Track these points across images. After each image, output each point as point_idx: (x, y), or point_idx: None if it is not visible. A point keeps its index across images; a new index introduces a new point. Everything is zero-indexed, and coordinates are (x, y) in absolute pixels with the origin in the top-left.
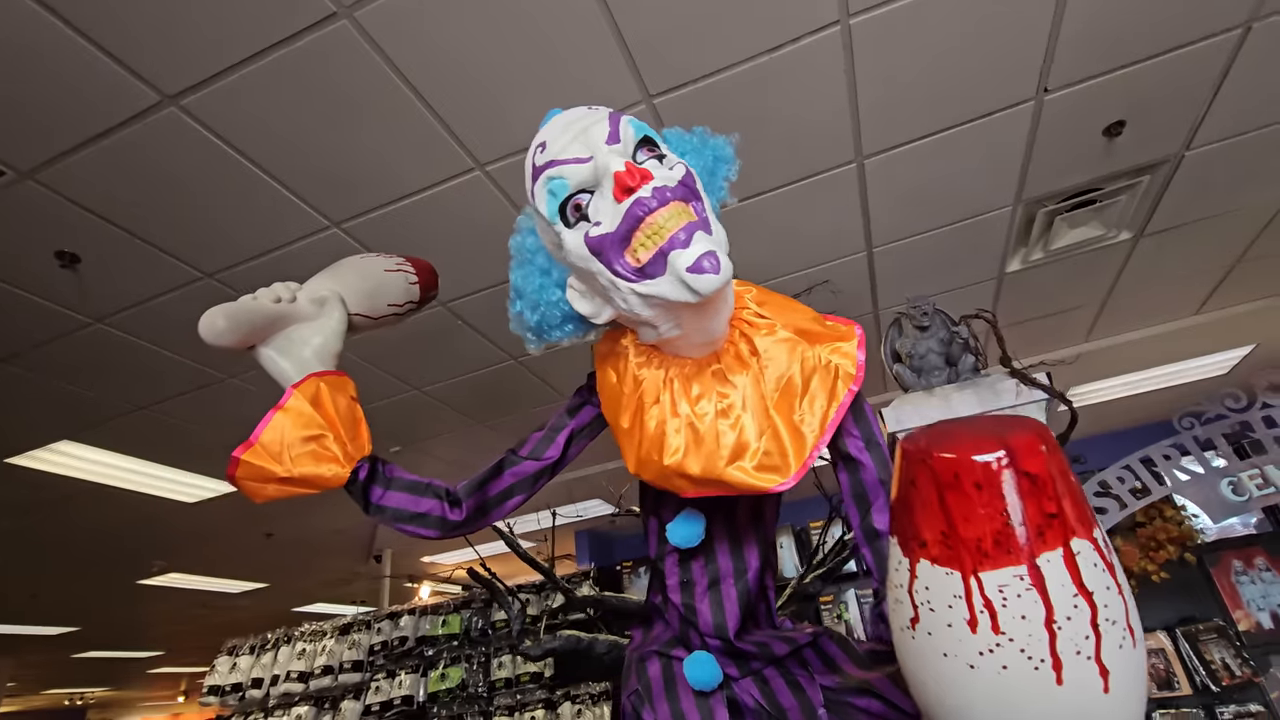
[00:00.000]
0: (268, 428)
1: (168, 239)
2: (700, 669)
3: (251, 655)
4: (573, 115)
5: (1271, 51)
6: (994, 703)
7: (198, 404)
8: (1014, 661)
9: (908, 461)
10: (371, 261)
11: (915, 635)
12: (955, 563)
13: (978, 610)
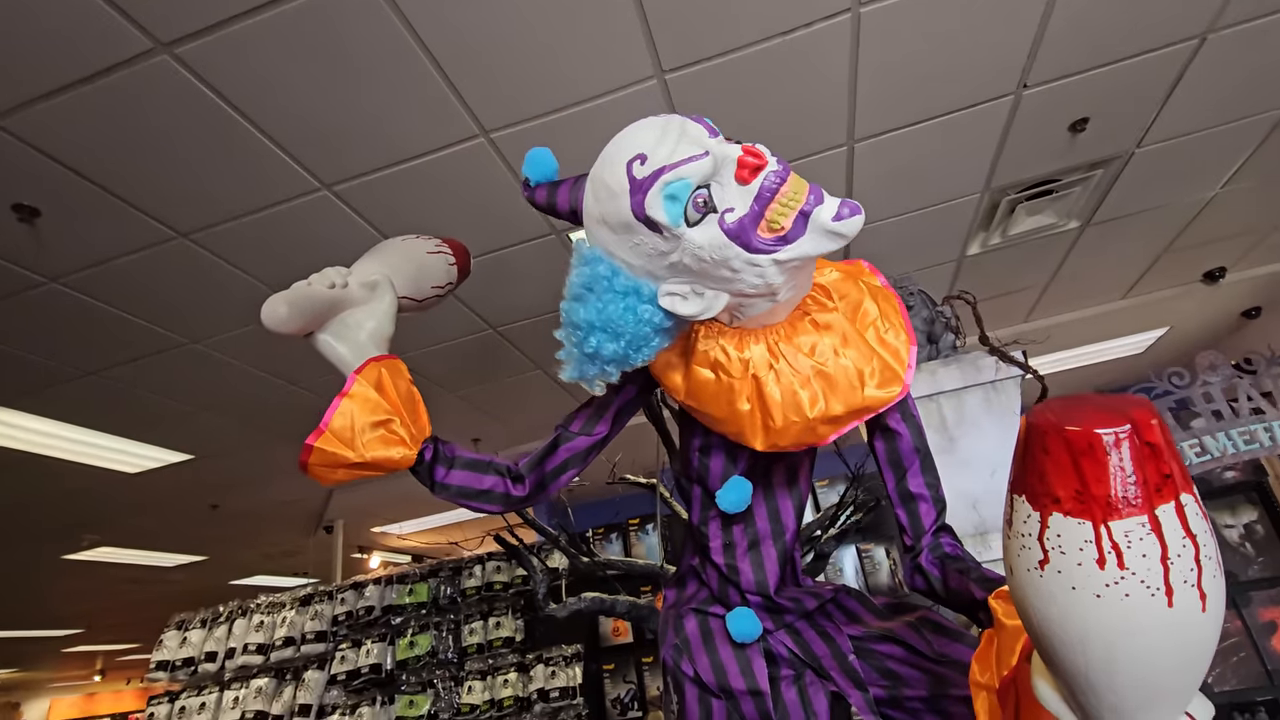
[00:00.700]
0: (337, 414)
1: (141, 195)
2: (743, 623)
3: (203, 629)
4: (658, 122)
5: (1220, 61)
6: (1115, 623)
7: (152, 369)
8: (1135, 590)
9: (1039, 432)
10: (413, 244)
11: (1044, 574)
12: (1087, 515)
13: (1106, 552)
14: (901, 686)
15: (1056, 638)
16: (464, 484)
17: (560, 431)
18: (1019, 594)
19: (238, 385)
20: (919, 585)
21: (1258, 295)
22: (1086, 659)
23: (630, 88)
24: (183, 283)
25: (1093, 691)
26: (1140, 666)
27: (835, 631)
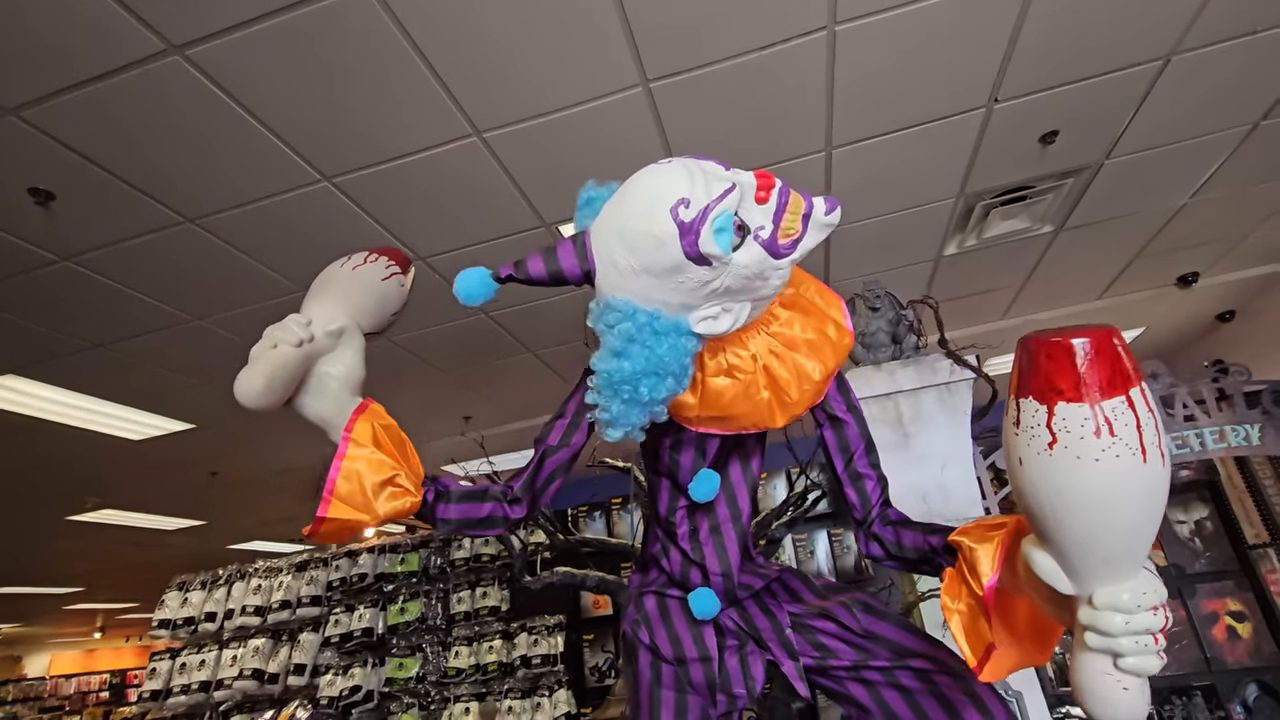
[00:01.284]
0: (340, 479)
1: (151, 182)
2: (704, 602)
3: (203, 590)
4: (682, 168)
5: (1184, 82)
6: (1110, 481)
7: (158, 343)
8: (1122, 452)
9: (1044, 346)
10: (366, 273)
11: (1053, 453)
12: (1084, 399)
13: (1100, 424)
14: (830, 657)
15: (1064, 507)
16: (464, 516)
17: (544, 448)
18: (1028, 478)
19: (239, 360)
20: (875, 552)
21: (1231, 299)
22: (1088, 519)
23: (616, 94)
24: (189, 264)
25: (1089, 550)
26: (1128, 516)
27: (777, 608)
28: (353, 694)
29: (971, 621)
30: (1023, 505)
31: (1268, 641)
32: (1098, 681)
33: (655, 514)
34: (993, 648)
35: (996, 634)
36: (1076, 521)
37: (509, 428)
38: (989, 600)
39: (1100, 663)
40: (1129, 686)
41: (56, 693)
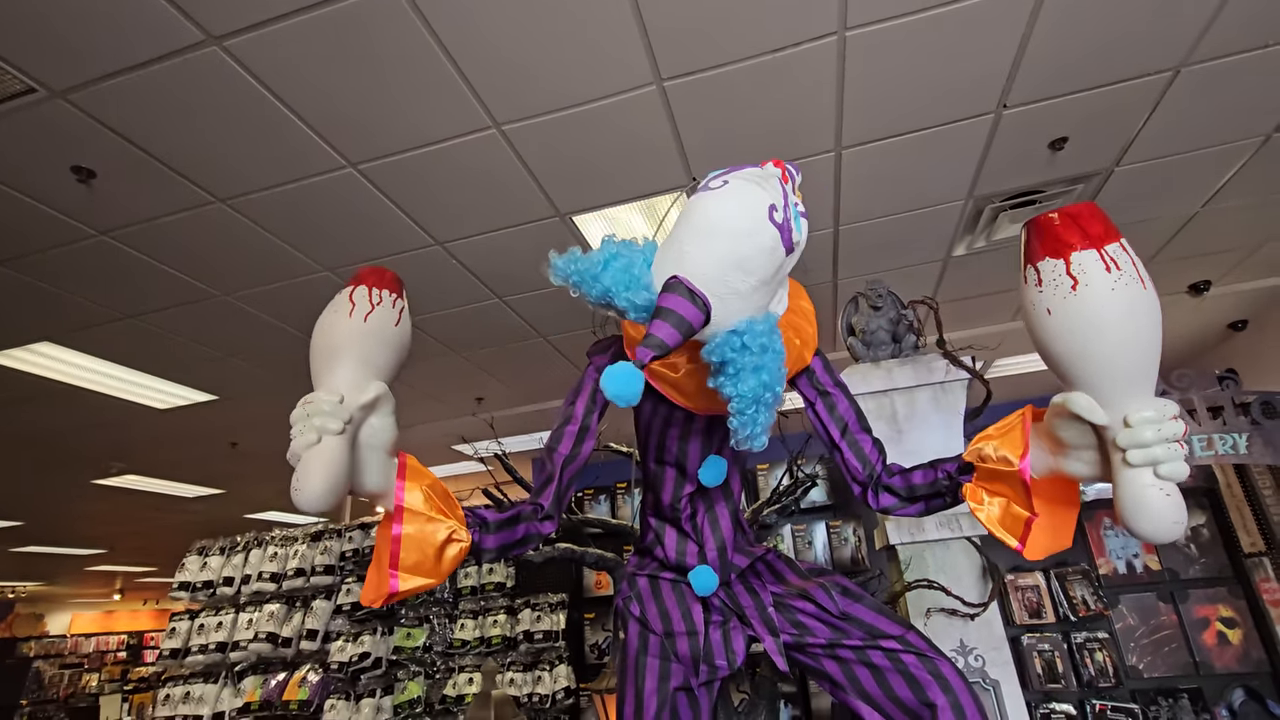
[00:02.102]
0: (404, 552)
1: (186, 163)
2: (704, 578)
3: (222, 556)
4: (749, 179)
5: (1194, 93)
6: (1124, 307)
7: (186, 317)
8: (1129, 281)
9: (1050, 220)
10: (377, 324)
11: (1076, 293)
12: (1093, 245)
13: (1109, 262)
14: (807, 635)
15: (1094, 335)
16: (501, 542)
17: (560, 459)
18: (1059, 322)
19: (262, 335)
20: (887, 502)
21: (1244, 309)
22: (1114, 340)
23: (632, 92)
24: (219, 242)
25: (1116, 372)
26: (1141, 335)
27: (760, 588)
28: (362, 660)
29: (1005, 512)
30: (1055, 352)
31: (1257, 648)
32: (1144, 494)
33: (657, 502)
34: (1032, 520)
35: (1036, 506)
36: (1106, 344)
37: (520, 410)
38: (1024, 475)
39: (1143, 476)
40: (1170, 493)
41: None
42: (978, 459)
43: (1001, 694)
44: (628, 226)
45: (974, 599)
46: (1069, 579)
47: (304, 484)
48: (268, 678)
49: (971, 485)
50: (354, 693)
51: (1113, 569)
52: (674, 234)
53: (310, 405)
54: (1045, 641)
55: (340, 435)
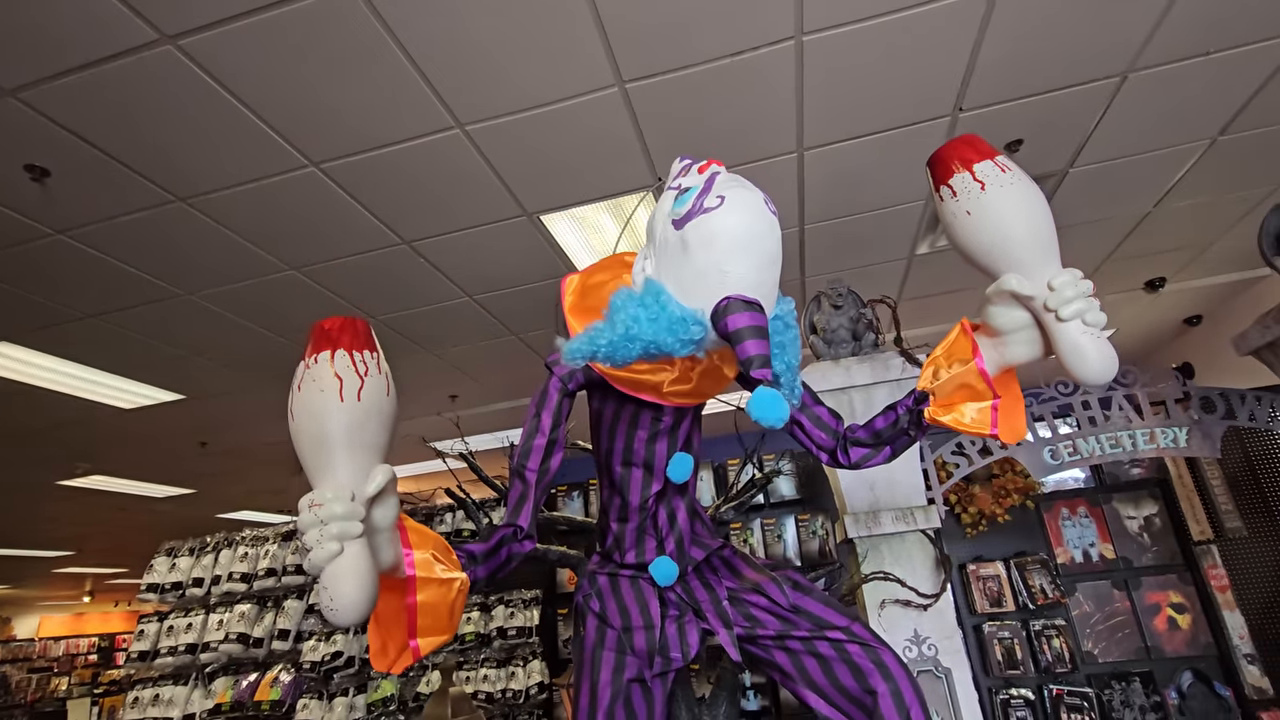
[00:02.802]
0: (421, 618)
1: (143, 162)
2: (664, 568)
3: (191, 556)
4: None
5: (1141, 97)
6: (1023, 193)
7: (149, 316)
8: (1020, 178)
9: (951, 145)
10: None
11: (985, 191)
12: (986, 158)
13: (1001, 167)
14: (758, 627)
15: (1009, 221)
16: (490, 570)
17: (534, 473)
18: (977, 220)
19: (229, 334)
20: (857, 455)
21: (1198, 304)
22: (1025, 221)
23: (593, 93)
24: (181, 241)
25: (1034, 245)
26: (1042, 214)
27: (716, 583)
28: (334, 659)
29: (969, 411)
30: (980, 244)
31: (1204, 632)
32: (1080, 341)
33: (624, 505)
34: (997, 403)
35: (998, 390)
36: (1018, 226)
37: (495, 407)
38: (980, 365)
39: (1075, 327)
40: (1100, 338)
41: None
42: (932, 379)
43: (954, 681)
44: (595, 225)
45: (928, 590)
46: (1028, 568)
47: (340, 601)
48: (239, 678)
49: (932, 407)
50: (327, 692)
51: (1070, 558)
52: (698, 260)
53: (323, 510)
54: (1005, 629)
55: (359, 536)
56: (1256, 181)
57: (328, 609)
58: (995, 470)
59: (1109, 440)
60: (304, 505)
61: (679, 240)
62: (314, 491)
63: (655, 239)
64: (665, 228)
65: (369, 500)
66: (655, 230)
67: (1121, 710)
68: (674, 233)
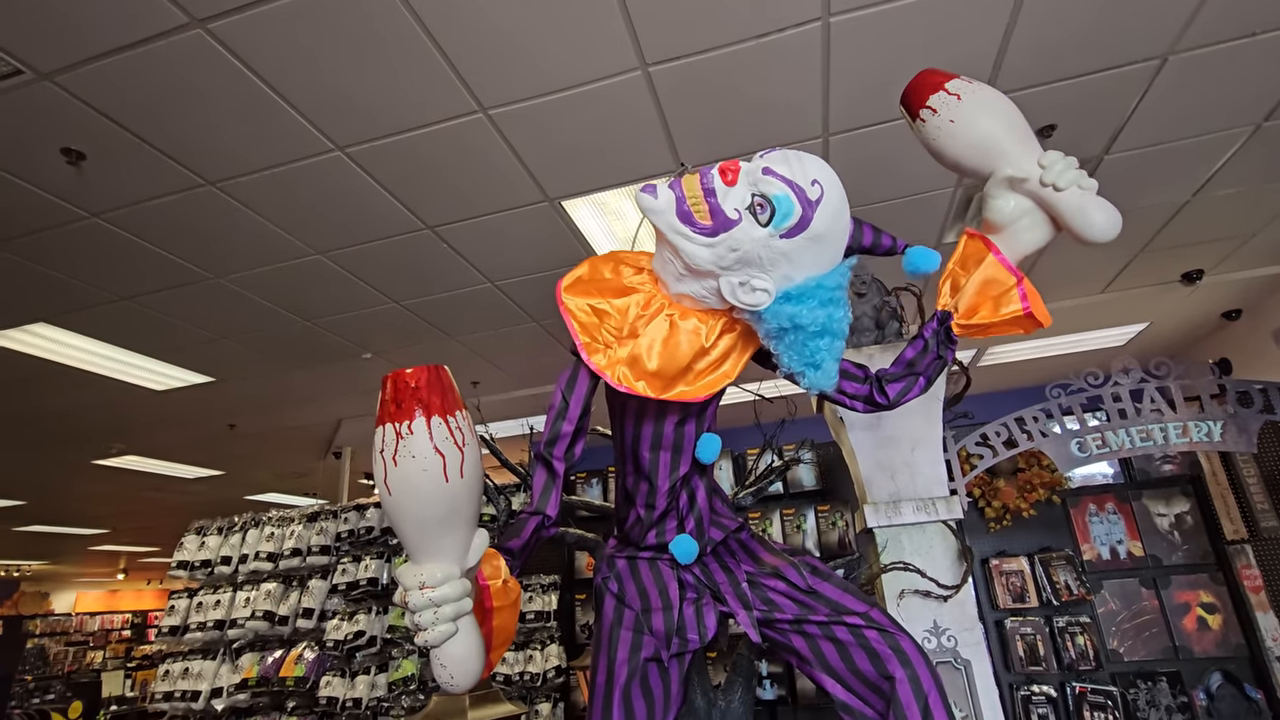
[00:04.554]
0: (496, 636)
1: (174, 146)
2: (685, 546)
3: (219, 536)
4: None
5: (1182, 81)
6: (991, 93)
7: (180, 299)
8: (984, 86)
9: (915, 80)
10: (472, 474)
11: (961, 100)
12: (952, 77)
13: (965, 81)
14: (776, 611)
15: (986, 119)
16: (525, 558)
17: (560, 462)
18: (961, 126)
19: (257, 318)
20: (894, 390)
21: (1237, 298)
22: (1000, 119)
23: (616, 77)
24: (210, 224)
25: (1014, 139)
26: (1015, 111)
27: (735, 566)
28: (357, 638)
29: (997, 302)
30: (969, 143)
31: (1235, 633)
32: (1082, 203)
33: (651, 490)
34: (1020, 282)
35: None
36: (1000, 119)
37: (515, 394)
38: (1002, 259)
39: (1073, 193)
40: (1099, 197)
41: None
42: (951, 292)
43: (973, 673)
44: (617, 211)
45: (948, 581)
46: (1053, 564)
47: (460, 676)
48: (265, 655)
49: (958, 318)
50: (349, 670)
51: (1096, 555)
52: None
53: (436, 594)
54: (1028, 625)
55: (470, 609)
56: None
57: (448, 684)
58: (1021, 464)
59: (1140, 433)
60: (413, 584)
61: (804, 242)
62: (423, 571)
63: (757, 261)
64: (769, 246)
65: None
66: (752, 255)
67: (1147, 710)
68: (790, 240)
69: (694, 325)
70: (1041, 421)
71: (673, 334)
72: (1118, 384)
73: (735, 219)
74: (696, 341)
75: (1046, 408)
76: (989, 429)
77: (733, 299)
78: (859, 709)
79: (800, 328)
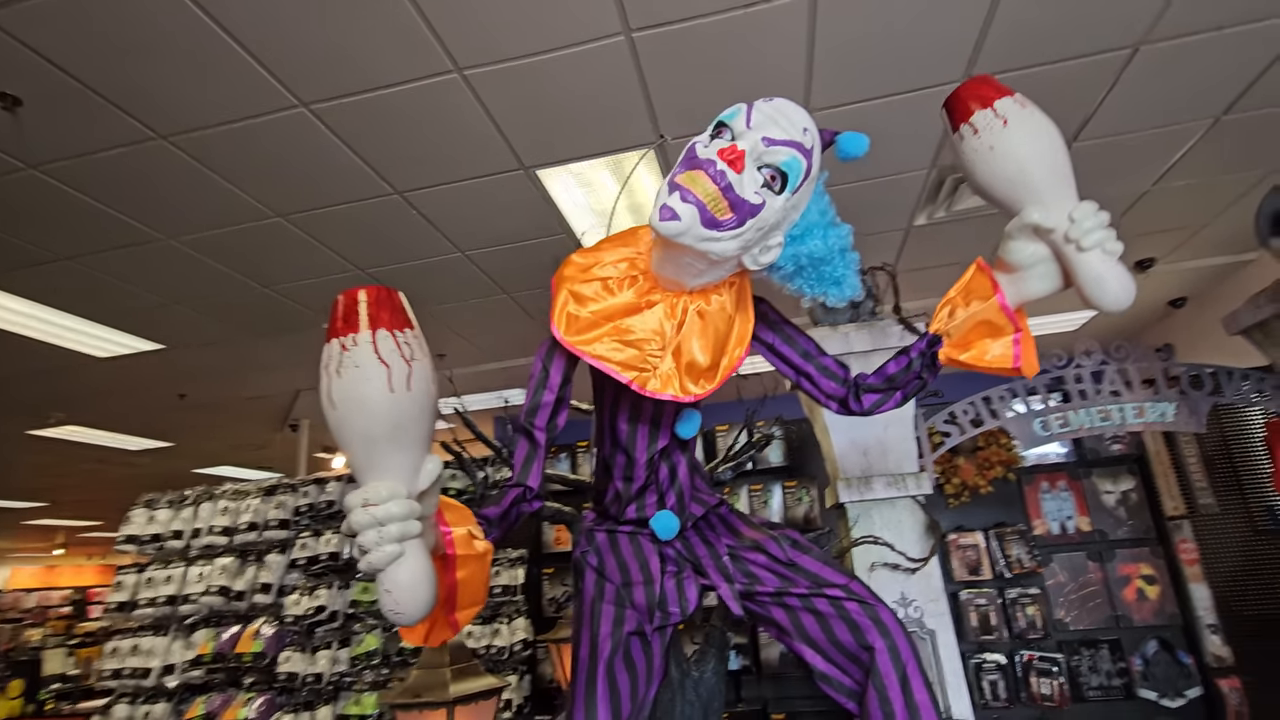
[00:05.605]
0: (461, 594)
1: (124, 95)
2: (666, 522)
3: (170, 509)
4: (792, 114)
5: (1150, 72)
6: (1041, 126)
7: (128, 260)
8: (1037, 112)
9: (968, 86)
10: (421, 390)
11: (1007, 126)
12: (1005, 95)
13: (1020, 103)
14: (757, 584)
15: (1026, 157)
16: (504, 531)
17: (541, 433)
18: (1000, 156)
19: (211, 282)
20: (869, 400)
21: (1184, 287)
22: (1041, 159)
23: (599, 41)
24: (162, 181)
25: (1049, 184)
26: (1060, 151)
27: (715, 539)
28: (318, 614)
29: (989, 348)
30: (1004, 178)
31: (1171, 604)
32: (1102, 270)
33: (629, 461)
34: (1019, 337)
35: (1019, 325)
36: (1041, 159)
37: (483, 368)
38: (1004, 305)
39: (1095, 255)
40: (1120, 267)
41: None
42: (948, 319)
43: (937, 642)
44: (592, 183)
45: (916, 554)
46: (1006, 539)
47: (405, 604)
48: (220, 630)
49: (947, 347)
50: (309, 645)
51: (1047, 530)
52: None
53: (380, 511)
54: (982, 596)
55: (419, 536)
56: (1255, 163)
57: (392, 613)
58: (980, 442)
59: (1099, 413)
60: (356, 503)
61: (807, 187)
62: (367, 489)
63: (776, 226)
64: (786, 208)
65: (421, 494)
66: (773, 223)
67: (1089, 675)
68: (799, 193)
69: (718, 306)
70: (1007, 401)
71: (706, 325)
72: (1080, 365)
73: (759, 202)
74: (725, 319)
75: (1012, 387)
76: (957, 408)
77: (754, 265)
78: (837, 678)
79: (817, 260)
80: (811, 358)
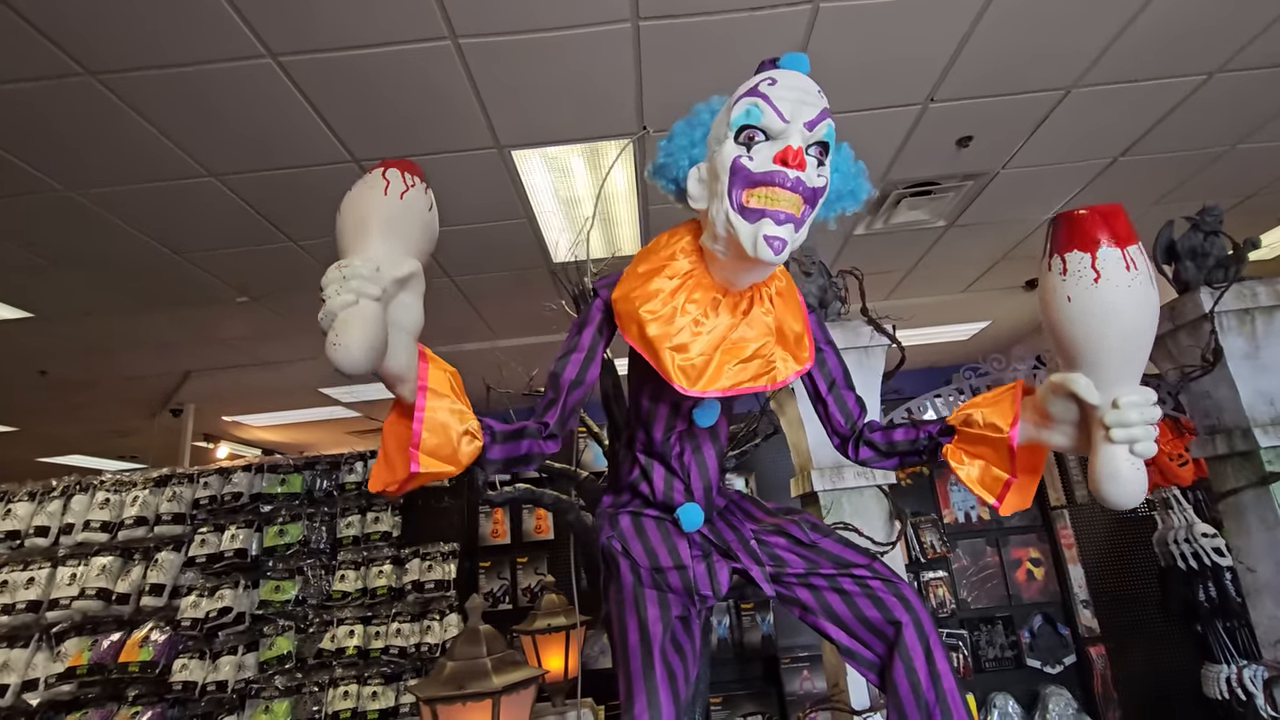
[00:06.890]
0: (427, 433)
1: (48, 17)
2: (692, 515)
3: (31, 502)
4: (806, 85)
5: (1075, 112)
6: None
7: (11, 210)
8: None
9: (1082, 216)
10: (413, 204)
11: (1099, 286)
12: (1118, 245)
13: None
14: (783, 566)
15: (1109, 324)
16: (507, 455)
17: (566, 383)
18: (1079, 308)
19: (111, 243)
20: (866, 455)
21: None
22: (1125, 329)
23: (604, 25)
24: (77, 123)
25: (1121, 359)
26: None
27: (739, 524)
28: (221, 616)
29: (984, 473)
30: (1067, 335)
31: (1053, 583)
32: (1120, 467)
33: (648, 440)
34: (1011, 482)
35: (1018, 469)
36: (1114, 335)
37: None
38: (1012, 441)
39: (1120, 451)
40: (1139, 468)
41: None
42: (963, 424)
43: None
44: (565, 169)
45: (882, 539)
46: (922, 527)
47: (344, 339)
48: (97, 639)
49: (953, 446)
50: (210, 651)
51: (954, 518)
52: None
53: (348, 269)
54: None
55: (378, 301)
56: (1140, 201)
57: (332, 347)
58: None
59: None
60: (331, 268)
61: None
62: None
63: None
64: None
65: (395, 281)
66: None
67: (986, 648)
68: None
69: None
70: (955, 399)
71: (787, 300)
72: (1017, 369)
73: (823, 184)
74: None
75: (959, 386)
76: (913, 404)
77: None
78: (861, 652)
79: (836, 195)
80: (835, 388)
